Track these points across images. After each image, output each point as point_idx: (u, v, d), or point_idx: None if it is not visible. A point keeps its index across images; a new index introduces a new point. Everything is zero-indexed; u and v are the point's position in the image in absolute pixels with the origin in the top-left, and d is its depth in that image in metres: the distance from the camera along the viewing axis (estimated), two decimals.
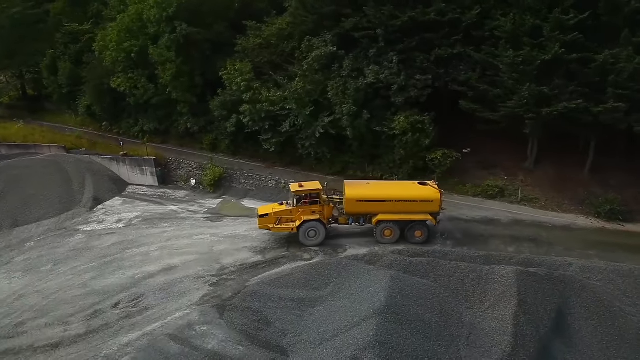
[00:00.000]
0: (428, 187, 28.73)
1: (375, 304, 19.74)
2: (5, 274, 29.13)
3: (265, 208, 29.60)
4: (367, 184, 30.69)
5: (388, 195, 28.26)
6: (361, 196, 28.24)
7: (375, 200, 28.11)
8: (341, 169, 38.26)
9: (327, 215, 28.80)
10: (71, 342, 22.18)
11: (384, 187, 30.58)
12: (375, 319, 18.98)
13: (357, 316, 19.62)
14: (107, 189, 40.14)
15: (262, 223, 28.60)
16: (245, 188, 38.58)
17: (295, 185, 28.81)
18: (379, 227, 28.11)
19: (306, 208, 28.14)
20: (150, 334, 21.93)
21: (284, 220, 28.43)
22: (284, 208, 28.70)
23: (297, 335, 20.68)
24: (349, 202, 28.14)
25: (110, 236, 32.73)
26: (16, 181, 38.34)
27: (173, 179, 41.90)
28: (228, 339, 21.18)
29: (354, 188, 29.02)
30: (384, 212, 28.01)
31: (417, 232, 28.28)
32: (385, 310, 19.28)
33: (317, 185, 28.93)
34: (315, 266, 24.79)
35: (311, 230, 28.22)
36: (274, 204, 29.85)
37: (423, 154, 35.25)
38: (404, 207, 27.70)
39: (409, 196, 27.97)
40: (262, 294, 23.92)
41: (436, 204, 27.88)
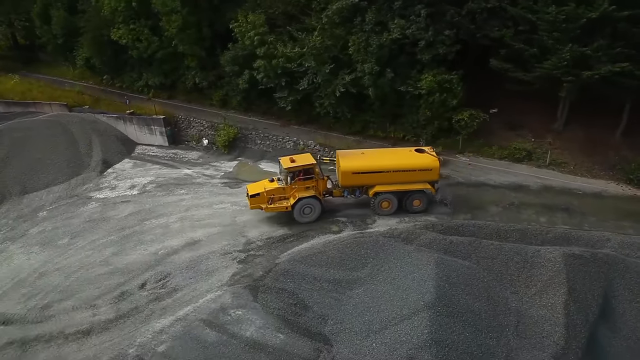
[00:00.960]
0: (426, 154, 27.35)
1: (425, 295, 18.88)
2: (22, 248, 28.04)
3: (255, 186, 27.56)
4: (362, 153, 28.65)
5: (385, 166, 26.74)
6: (357, 168, 26.69)
7: (372, 172, 26.65)
8: (361, 128, 36.67)
9: (321, 189, 27.33)
10: (102, 329, 21.45)
11: (380, 156, 28.76)
12: (427, 313, 18.18)
13: (405, 307, 18.82)
14: (115, 151, 38.46)
15: (254, 203, 26.86)
16: (261, 149, 37.04)
17: (287, 160, 26.62)
18: (376, 199, 27.03)
19: (300, 184, 26.49)
20: (183, 319, 21.23)
21: (277, 199, 26.83)
22: (275, 185, 26.97)
23: (339, 322, 19.98)
24: (344, 174, 26.69)
25: (126, 205, 31.48)
26: (20, 144, 36.50)
27: (184, 138, 40.18)
28: (266, 325, 20.52)
29: (349, 159, 27.30)
30: (381, 184, 26.81)
31: (415, 202, 27.32)
32: (437, 303, 18.45)
33: (310, 158, 26.99)
34: (350, 244, 23.77)
35: (307, 207, 26.77)
36: (263, 180, 27.99)
37: (449, 115, 33.64)
38: (402, 177, 26.58)
39: (407, 165, 26.65)
40: (295, 273, 23.07)
41: (435, 172, 26.87)
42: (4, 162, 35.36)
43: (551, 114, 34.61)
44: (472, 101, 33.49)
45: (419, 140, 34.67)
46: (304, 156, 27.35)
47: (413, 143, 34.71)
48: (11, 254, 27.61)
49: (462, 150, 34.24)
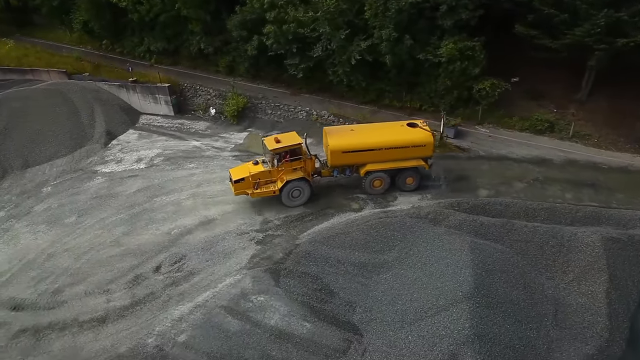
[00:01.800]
0: (419, 129, 25.84)
1: (463, 285, 17.87)
2: (28, 227, 26.88)
3: (238, 170, 25.68)
4: (351, 130, 26.65)
5: (377, 143, 25.12)
6: (347, 146, 25.00)
7: (363, 150, 25.05)
8: (376, 97, 35.03)
9: (309, 170, 25.64)
10: (118, 316, 20.53)
11: (371, 132, 26.67)
12: (466, 304, 17.21)
13: (442, 297, 17.83)
14: (119, 121, 36.84)
15: (239, 189, 25.08)
16: (272, 120, 35.46)
17: (271, 140, 24.79)
18: (368, 178, 25.70)
19: (287, 166, 24.81)
20: (203, 306, 20.30)
21: (263, 183, 25.16)
22: (261, 169, 25.13)
23: (368, 310, 19.07)
24: (333, 153, 24.98)
25: (133, 180, 30.18)
26: (20, 115, 34.82)
27: (190, 107, 38.46)
28: (290, 312, 19.61)
29: (338, 137, 25.45)
30: (372, 162, 25.40)
31: (408, 180, 26.14)
32: (476, 293, 17.47)
33: (297, 137, 25.12)
34: (375, 225, 22.68)
35: (295, 189, 25.35)
36: (247, 163, 26.14)
37: (469, 84, 31.98)
38: (395, 154, 25.18)
39: (400, 142, 25.12)
40: (318, 255, 22.07)
41: (429, 148, 25.55)
42: (4, 134, 33.78)
43: (574, 83, 32.96)
44: (491, 69, 31.70)
45: (438, 110, 33.12)
46: (289, 135, 25.45)
47: (430, 113, 33.33)
48: (17, 233, 26.48)
49: (481, 121, 32.78)
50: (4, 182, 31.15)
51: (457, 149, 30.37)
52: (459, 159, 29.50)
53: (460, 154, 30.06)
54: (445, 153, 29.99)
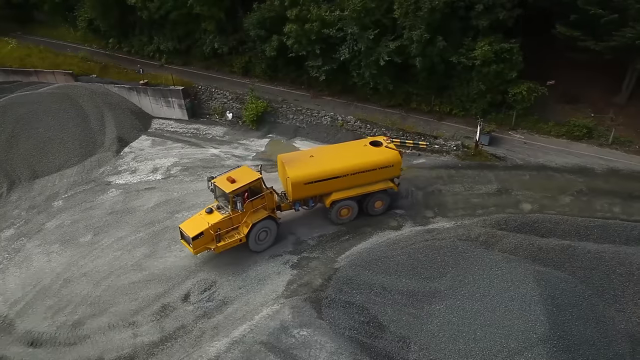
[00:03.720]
0: (384, 148, 23.86)
1: (535, 325, 16.14)
2: (40, 247, 25.00)
3: (191, 225, 21.66)
4: (311, 156, 23.72)
5: (342, 169, 22.87)
6: (309, 176, 22.57)
7: (327, 179, 22.74)
8: (402, 101, 33.17)
9: (270, 205, 22.89)
10: (147, 354, 18.77)
11: (333, 156, 24.00)
12: (542, 348, 15.46)
13: (512, 338, 16.10)
14: (130, 126, 34.83)
15: (198, 246, 21.38)
16: (293, 125, 33.51)
17: (224, 181, 21.44)
18: (334, 209, 23.53)
19: (248, 207, 21.81)
20: (241, 342, 18.57)
21: (225, 232, 21.81)
22: (219, 216, 21.66)
23: (425, 348, 17.36)
24: (295, 187, 22.50)
25: (150, 193, 28.31)
26: (26, 121, 32.72)
27: (205, 111, 36.44)
28: (339, 350, 17.87)
29: (298, 166, 22.91)
30: (338, 190, 23.20)
31: (377, 203, 24.36)
32: (552, 335, 15.75)
33: (252, 172, 22.22)
34: (422, 249, 20.94)
35: (262, 231, 22.51)
36: (198, 214, 22.33)
37: (503, 88, 30.14)
38: (362, 179, 23.21)
39: (367, 165, 23.07)
40: (361, 282, 20.35)
41: (397, 168, 23.82)
42: (10, 142, 31.71)
43: (612, 86, 31.32)
44: (525, 72, 29.89)
45: (469, 115, 31.36)
46: (242, 171, 22.29)
47: (461, 118, 31.66)
48: (29, 254, 24.60)
49: (514, 127, 31.00)
50: (12, 195, 29.17)
51: (493, 158, 28.63)
52: (495, 169, 27.83)
53: (497, 163, 28.35)
54: (482, 162, 28.30)
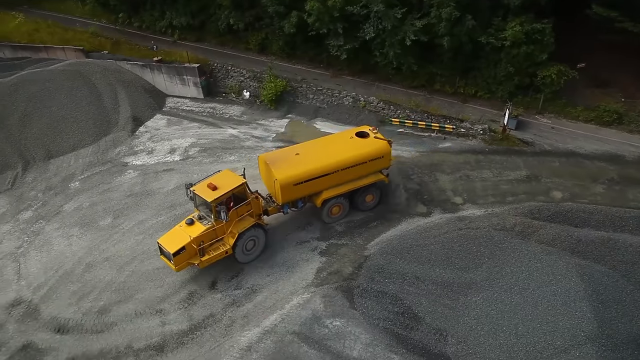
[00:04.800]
0: (373, 139, 22.69)
1: (582, 322, 15.65)
2: (60, 230, 24.44)
3: (171, 239, 19.71)
4: (296, 154, 22.05)
5: (332, 165, 21.49)
6: (299, 177, 21.04)
7: (317, 177, 21.37)
8: (425, 81, 32.21)
9: (257, 211, 21.25)
10: (177, 343, 18.36)
11: (320, 152, 22.39)
12: (591, 347, 14.99)
13: (557, 335, 15.65)
14: (144, 105, 33.94)
15: (180, 262, 19.46)
16: (314, 105, 32.61)
17: (205, 189, 19.54)
18: (325, 208, 22.34)
19: (233, 216, 20.01)
20: (272, 332, 18.18)
21: (209, 245, 20.04)
22: (201, 227, 19.78)
23: (462, 341, 16.94)
24: (284, 189, 20.94)
25: (169, 175, 27.65)
26: (38, 99, 31.82)
27: (221, 90, 35.48)
28: (374, 341, 17.48)
29: (284, 167, 21.18)
30: (329, 188, 21.94)
31: (368, 197, 23.40)
32: (600, 334, 15.29)
33: (235, 177, 20.32)
34: (457, 239, 20.40)
35: (249, 241, 20.82)
36: (177, 227, 20.34)
37: (532, 70, 29.18)
38: (352, 174, 22.08)
39: (357, 158, 21.86)
40: (392, 271, 19.86)
41: (387, 159, 22.82)
42: (22, 121, 30.88)
43: None
44: (555, 54, 28.87)
45: (494, 98, 30.47)
46: (224, 176, 20.38)
47: (486, 101, 30.82)
48: (49, 237, 24.05)
49: (541, 111, 30.15)
50: (27, 176, 28.49)
51: (520, 143, 27.89)
52: (523, 154, 27.13)
53: (525, 148, 27.63)
54: (509, 147, 27.57)
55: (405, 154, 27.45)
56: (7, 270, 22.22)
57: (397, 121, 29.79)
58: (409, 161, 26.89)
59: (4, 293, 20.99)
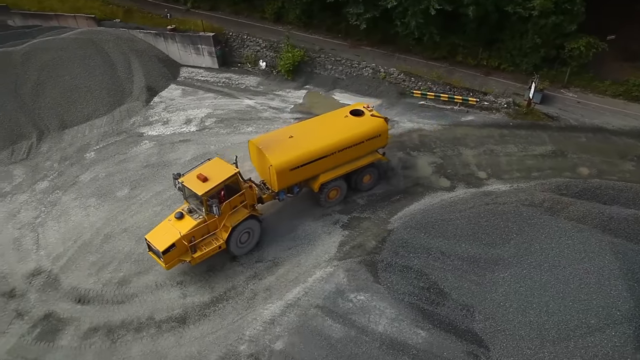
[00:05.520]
0: (369, 117, 21.58)
1: (618, 301, 15.21)
2: (77, 200, 24.15)
3: (160, 235, 18.42)
4: (290, 137, 20.66)
5: (329, 147, 20.29)
6: (294, 161, 19.79)
7: (314, 161, 20.14)
8: (447, 53, 31.29)
9: (251, 201, 20.06)
10: (199, 315, 18.14)
11: (315, 133, 21.07)
12: (627, 327, 14.59)
13: (591, 314, 15.22)
14: (158, 74, 33.29)
15: (170, 260, 18.22)
16: (332, 76, 31.82)
17: (195, 180, 18.16)
18: (323, 193, 21.30)
19: (226, 208, 18.79)
20: (296, 306, 17.95)
21: (201, 240, 18.76)
22: (192, 222, 18.49)
23: (490, 318, 16.59)
24: (280, 175, 19.69)
25: (186, 145, 27.19)
26: (51, 68, 31.23)
27: (236, 60, 34.69)
28: (399, 316, 17.19)
29: (278, 151, 19.80)
30: (326, 171, 20.83)
31: (366, 178, 22.40)
32: (637, 314, 14.87)
33: (227, 166, 18.93)
34: (484, 214, 19.91)
35: (244, 233, 19.72)
36: (165, 221, 19.03)
37: (560, 42, 28.19)
38: (350, 155, 20.99)
39: (354, 138, 20.74)
40: (417, 245, 19.46)
41: (384, 137, 21.79)
42: (36, 90, 30.34)
43: None
44: (584, 25, 27.82)
45: (518, 70, 29.57)
46: (214, 166, 18.95)
47: (510, 73, 29.99)
48: (66, 207, 23.78)
49: (567, 85, 29.24)
50: (42, 146, 28.11)
51: (545, 117, 27.12)
52: (549, 129, 26.43)
53: (550, 123, 26.88)
54: (534, 121, 26.84)
55: (427, 127, 26.83)
56: (26, 240, 22.02)
57: (419, 93, 29.02)
58: (431, 134, 26.30)
59: (24, 263, 20.83)
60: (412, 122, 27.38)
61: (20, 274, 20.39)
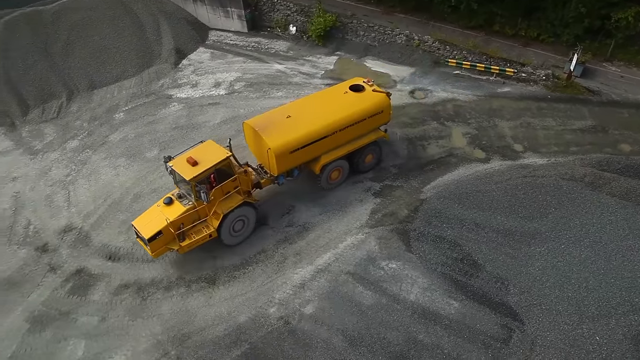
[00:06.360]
0: (370, 92, 20.30)
1: None
2: (106, 160, 24.15)
3: (147, 221, 17.43)
4: (288, 116, 19.24)
5: (330, 126, 19.05)
6: (294, 143, 18.51)
7: (315, 141, 18.93)
8: (484, 22, 30.15)
9: (246, 187, 18.83)
10: (228, 277, 18.10)
11: (314, 112, 19.69)
12: None
13: (635, 291, 14.79)
14: (187, 37, 32.83)
15: (157, 248, 17.31)
16: (364, 42, 31.00)
17: (184, 164, 16.96)
18: (324, 173, 20.20)
19: (217, 194, 17.63)
20: (326, 271, 17.78)
21: (191, 227, 17.82)
22: (181, 208, 17.45)
23: (526, 291, 16.22)
24: (280, 158, 18.44)
25: (215, 108, 26.88)
26: (81, 28, 31.00)
27: (266, 24, 34.00)
28: (432, 286, 16.92)
29: (276, 133, 18.48)
30: (327, 152, 19.65)
31: (368, 158, 21.32)
32: None
33: (219, 149, 17.59)
34: (521, 186, 19.38)
35: (238, 221, 18.54)
36: (153, 207, 17.98)
37: (606, 12, 26.93)
38: (351, 133, 19.80)
39: (356, 115, 19.52)
40: (451, 216, 19.06)
41: (387, 114, 20.53)
42: (66, 49, 30.19)
43: None
44: None
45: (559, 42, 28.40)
46: (206, 148, 17.76)
47: (548, 45, 28.83)
48: (96, 167, 23.79)
49: (610, 58, 28.04)
50: (72, 105, 28.07)
51: (586, 91, 26.13)
52: (589, 103, 25.49)
53: (590, 97, 25.89)
54: (574, 95, 25.89)
55: (461, 97, 26.10)
56: (58, 197, 22.13)
57: (454, 62, 28.15)
58: (466, 105, 25.59)
59: (56, 219, 20.97)
60: (446, 91, 26.65)
61: (52, 229, 20.54)
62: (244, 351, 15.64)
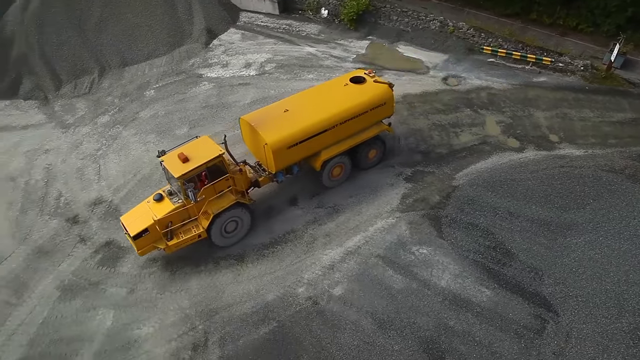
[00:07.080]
0: (372, 84, 19.40)
1: None
2: (137, 136, 24.24)
3: (134, 217, 16.97)
4: (285, 110, 18.48)
5: (329, 119, 18.17)
6: (292, 138, 17.66)
7: (314, 136, 18.05)
8: (520, 9, 29.38)
9: (241, 186, 17.94)
10: (257, 255, 18.04)
11: (312, 104, 18.90)
12: None
13: None
14: (218, 17, 32.69)
15: (143, 246, 16.74)
16: (397, 28, 30.48)
17: (174, 159, 16.32)
18: (325, 170, 19.30)
19: (208, 193, 16.97)
20: (356, 254, 17.59)
21: (180, 226, 17.23)
22: (170, 206, 16.87)
23: (561, 282, 15.82)
24: (277, 154, 17.54)
25: (245, 89, 26.75)
26: (114, 5, 31.13)
27: (298, 6, 33.65)
28: (463, 273, 16.61)
29: (274, 127, 17.67)
30: (327, 146, 18.78)
31: (371, 153, 20.36)
32: None
33: (212, 146, 16.92)
34: (559, 177, 18.93)
35: (230, 222, 17.75)
36: (143, 203, 17.53)
37: None
38: (353, 127, 18.93)
39: (357, 108, 18.59)
40: (484, 203, 18.70)
41: (390, 106, 19.59)
42: (99, 26, 30.37)
43: None
44: None
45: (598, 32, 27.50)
46: (199, 145, 17.05)
47: (587, 35, 27.88)
48: (126, 142, 23.92)
49: None
50: (104, 82, 28.25)
51: (626, 83, 25.32)
52: (629, 95, 24.66)
53: (631, 89, 25.08)
54: (613, 87, 25.11)
55: (496, 86, 25.52)
56: (88, 170, 22.31)
57: (489, 50, 27.52)
58: (501, 93, 25.01)
59: (86, 192, 21.14)
60: (481, 79, 26.08)
61: (83, 202, 20.71)
62: (271, 329, 15.58)
